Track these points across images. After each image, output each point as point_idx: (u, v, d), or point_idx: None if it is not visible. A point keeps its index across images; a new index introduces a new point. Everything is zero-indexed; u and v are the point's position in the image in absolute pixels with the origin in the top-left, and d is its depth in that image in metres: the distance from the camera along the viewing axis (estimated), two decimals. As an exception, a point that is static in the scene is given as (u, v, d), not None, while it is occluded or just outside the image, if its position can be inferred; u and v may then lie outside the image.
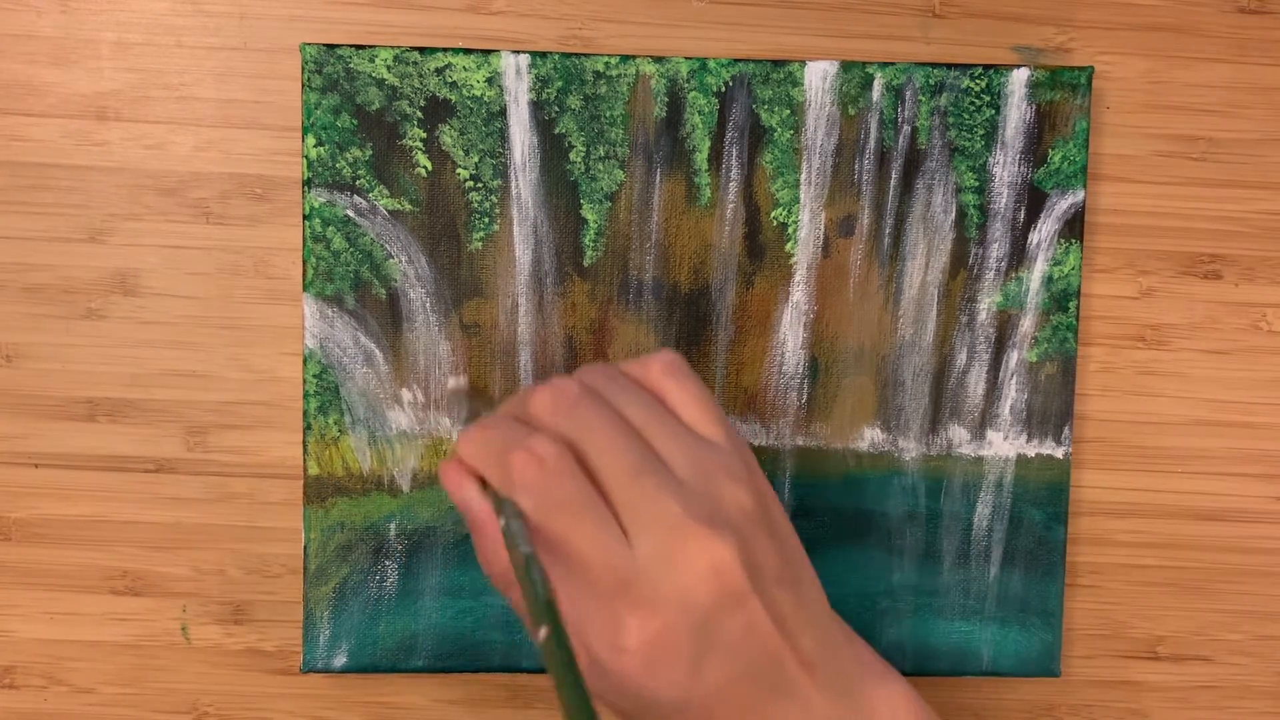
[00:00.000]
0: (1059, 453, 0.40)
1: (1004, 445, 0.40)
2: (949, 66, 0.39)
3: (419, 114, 0.38)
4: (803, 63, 0.38)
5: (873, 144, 0.39)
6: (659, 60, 0.38)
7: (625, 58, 0.38)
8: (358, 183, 0.38)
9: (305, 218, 0.38)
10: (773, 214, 0.39)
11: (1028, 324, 0.40)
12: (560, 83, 0.38)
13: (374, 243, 0.38)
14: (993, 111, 0.39)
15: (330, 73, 0.38)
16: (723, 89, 0.38)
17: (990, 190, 0.39)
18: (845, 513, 0.40)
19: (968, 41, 0.40)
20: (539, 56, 0.38)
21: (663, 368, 0.30)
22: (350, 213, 0.38)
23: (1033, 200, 0.39)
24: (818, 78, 0.39)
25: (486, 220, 0.39)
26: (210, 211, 0.39)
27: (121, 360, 0.39)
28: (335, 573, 0.39)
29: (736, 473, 0.28)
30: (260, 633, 0.40)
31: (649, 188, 0.39)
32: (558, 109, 0.38)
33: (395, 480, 0.39)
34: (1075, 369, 0.40)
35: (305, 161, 0.38)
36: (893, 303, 0.39)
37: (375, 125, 0.38)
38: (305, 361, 0.38)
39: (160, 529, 0.40)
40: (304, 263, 0.38)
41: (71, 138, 0.39)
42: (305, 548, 0.39)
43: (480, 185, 0.38)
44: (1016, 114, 0.39)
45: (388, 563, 0.39)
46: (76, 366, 0.39)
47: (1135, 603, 0.41)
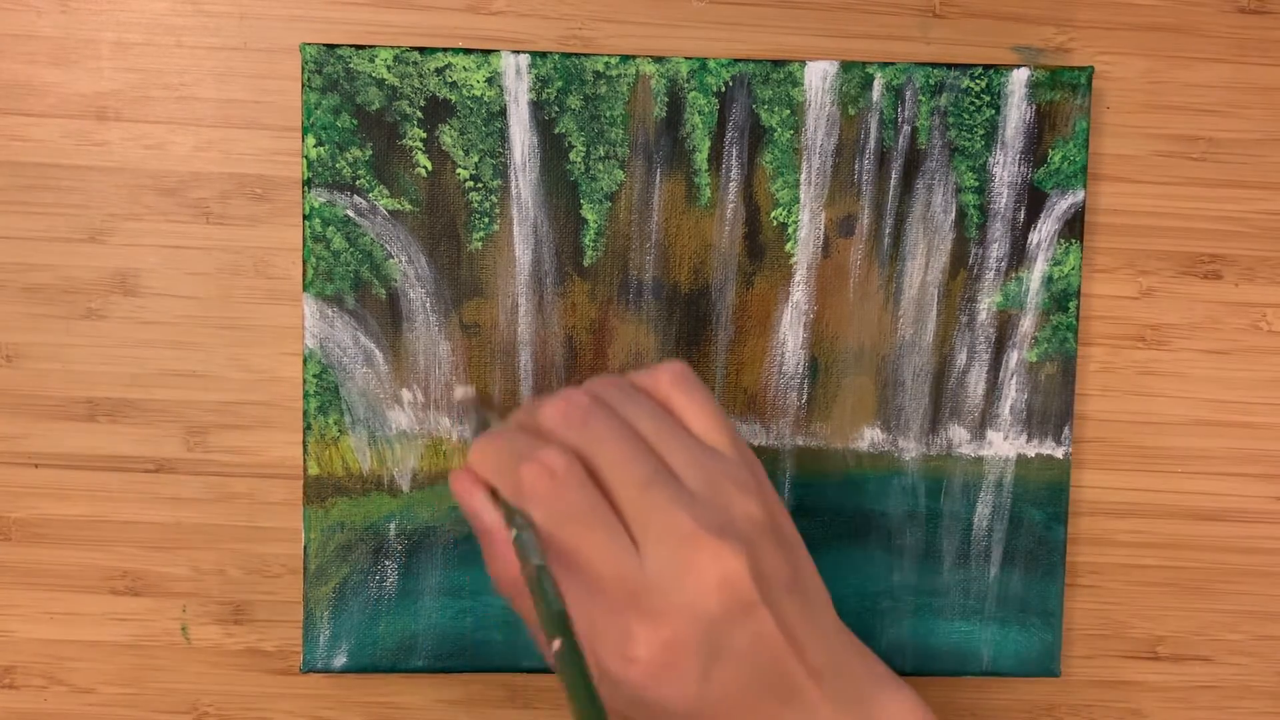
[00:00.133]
0: (1059, 453, 0.40)
1: (1004, 445, 0.40)
2: (949, 66, 0.39)
3: (419, 114, 0.38)
4: (803, 63, 0.38)
5: (873, 144, 0.39)
6: (659, 60, 0.38)
7: (625, 58, 0.38)
8: (358, 183, 0.38)
9: (305, 218, 0.38)
10: (773, 214, 0.39)
11: (1028, 324, 0.40)
12: (560, 83, 0.38)
13: (374, 243, 0.38)
14: (993, 111, 0.39)
15: (330, 73, 0.38)
16: (723, 89, 0.38)
17: (990, 190, 0.39)
18: (845, 513, 0.40)
19: (968, 41, 0.40)
20: (539, 56, 0.38)
21: (671, 378, 0.30)
22: (350, 213, 0.38)
23: (1033, 200, 0.39)
24: (818, 78, 0.39)
25: (486, 220, 0.39)
26: (210, 211, 0.39)
27: (121, 360, 0.39)
28: (335, 573, 0.39)
29: (745, 483, 0.28)
30: (260, 633, 0.40)
31: (649, 188, 0.39)
32: (558, 109, 0.38)
33: (395, 480, 0.39)
34: (1075, 369, 0.40)
35: (305, 161, 0.38)
36: (893, 303, 0.39)
37: (375, 125, 0.38)
38: (305, 361, 0.38)
39: (160, 529, 0.40)
40: (304, 263, 0.38)
41: (71, 138, 0.39)
42: (305, 548, 0.39)
43: (480, 185, 0.38)
44: (1016, 114, 0.39)
45: (388, 563, 0.39)
46: (76, 366, 0.39)
47: (1135, 603, 0.41)
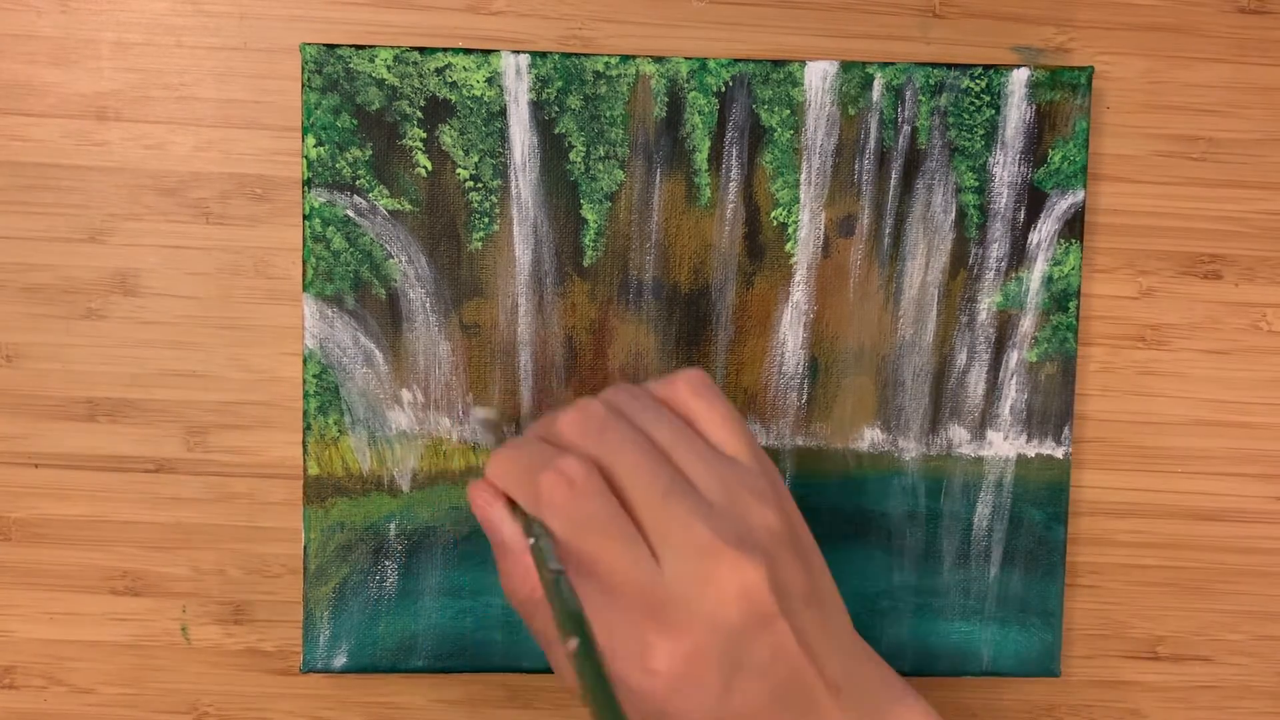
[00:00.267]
0: (1059, 453, 0.40)
1: (1004, 445, 0.40)
2: (949, 66, 0.39)
3: (419, 114, 0.38)
4: (803, 63, 0.38)
5: (873, 144, 0.39)
6: (659, 60, 0.38)
7: (625, 58, 0.38)
8: (358, 183, 0.38)
9: (305, 218, 0.38)
10: (773, 214, 0.39)
11: (1028, 324, 0.40)
12: (560, 83, 0.38)
13: (374, 243, 0.38)
14: (993, 111, 0.39)
15: (330, 73, 0.38)
16: (723, 89, 0.38)
17: (990, 190, 0.39)
18: (845, 513, 0.40)
19: (968, 41, 0.40)
20: (539, 56, 0.38)
21: (690, 387, 0.30)
22: (350, 213, 0.38)
23: (1033, 200, 0.39)
24: (818, 78, 0.39)
25: (486, 220, 0.39)
26: (210, 211, 0.39)
27: (121, 360, 0.39)
28: (335, 573, 0.39)
29: (764, 493, 0.28)
30: (260, 633, 0.40)
31: (649, 188, 0.39)
32: (558, 109, 0.38)
33: (395, 480, 0.39)
34: (1075, 369, 0.40)
35: (305, 161, 0.38)
36: (893, 303, 0.39)
37: (375, 125, 0.38)
38: (305, 361, 0.38)
39: (160, 529, 0.40)
40: (304, 263, 0.38)
41: (71, 138, 0.39)
42: (305, 548, 0.39)
43: (480, 185, 0.38)
44: (1016, 114, 0.39)
45: (388, 563, 0.39)
46: (76, 366, 0.39)
47: (1135, 603, 0.41)
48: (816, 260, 0.39)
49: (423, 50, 0.38)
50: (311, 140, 0.38)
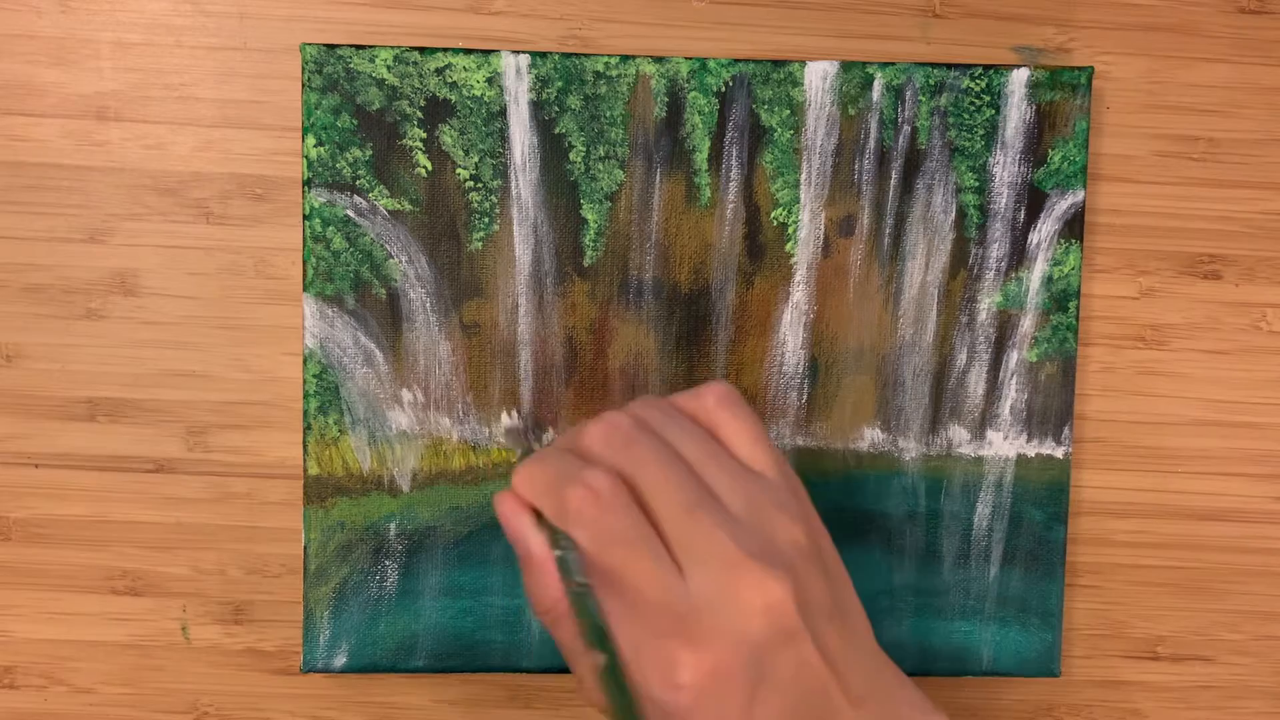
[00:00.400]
0: (1059, 453, 0.40)
1: (1004, 445, 0.40)
2: (949, 66, 0.39)
3: (419, 114, 0.38)
4: (803, 63, 0.38)
5: (873, 144, 0.39)
6: (659, 60, 0.38)
7: (625, 58, 0.38)
8: (358, 183, 0.38)
9: (305, 218, 0.38)
10: (773, 214, 0.39)
11: (1028, 324, 0.40)
12: (560, 83, 0.38)
13: (374, 243, 0.38)
14: (993, 111, 0.39)
15: (330, 73, 0.38)
16: (723, 89, 0.38)
17: (990, 190, 0.39)
18: (845, 513, 0.40)
19: (968, 41, 0.40)
20: (539, 56, 0.38)
21: (716, 400, 0.30)
22: (350, 213, 0.38)
23: (1033, 200, 0.39)
24: (818, 78, 0.39)
25: (486, 220, 0.39)
26: (210, 211, 0.39)
27: (121, 360, 0.39)
28: (335, 573, 0.39)
29: (789, 507, 0.29)
30: (260, 633, 0.40)
31: (649, 188, 0.39)
32: (558, 109, 0.38)
33: (395, 480, 0.39)
34: (1075, 369, 0.40)
35: (305, 161, 0.38)
36: (893, 303, 0.39)
37: (375, 125, 0.38)
38: (305, 361, 0.38)
39: (160, 529, 0.40)
40: (304, 263, 0.38)
41: (71, 138, 0.39)
42: (305, 548, 0.39)
43: (480, 185, 0.38)
44: (1016, 114, 0.39)
45: (388, 563, 0.39)
46: (76, 366, 0.39)
47: (1135, 603, 0.41)
48: (816, 260, 0.39)
49: (423, 50, 0.38)
50: (311, 140, 0.38)
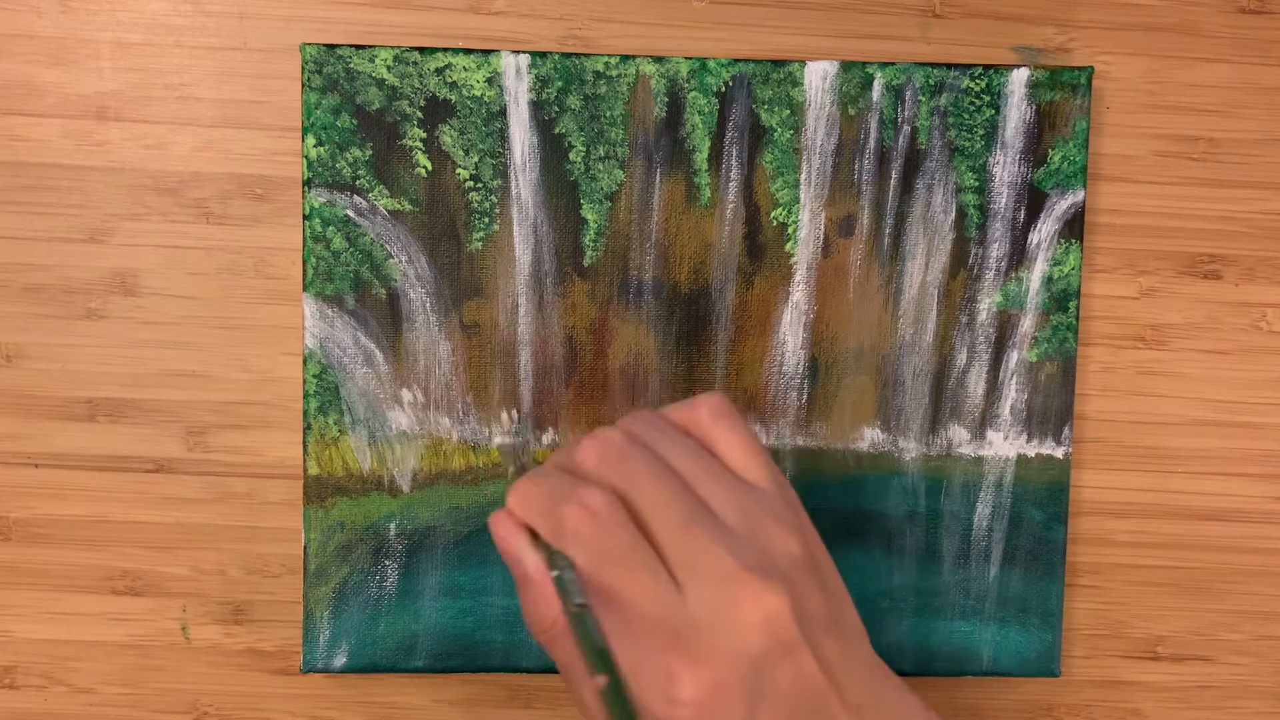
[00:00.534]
0: (1059, 453, 0.40)
1: (1004, 445, 0.40)
2: (949, 66, 0.39)
3: (419, 114, 0.38)
4: (803, 63, 0.38)
5: (873, 144, 0.39)
6: (659, 60, 0.38)
7: (625, 58, 0.38)
8: (358, 183, 0.38)
9: (305, 218, 0.38)
10: (773, 214, 0.39)
11: (1028, 324, 0.40)
12: (560, 83, 0.38)
13: (374, 243, 0.38)
14: (993, 111, 0.39)
15: (330, 73, 0.38)
16: (723, 89, 0.38)
17: (990, 190, 0.39)
18: (845, 513, 0.40)
19: (968, 41, 0.40)
20: (539, 56, 0.38)
21: (709, 412, 0.30)
22: (350, 213, 0.38)
23: (1033, 200, 0.39)
24: (818, 78, 0.39)
25: (486, 220, 0.39)
26: (210, 211, 0.39)
27: (121, 360, 0.39)
28: (335, 573, 0.39)
29: (785, 519, 0.29)
30: (260, 633, 0.40)
31: (649, 188, 0.39)
32: (558, 109, 0.38)
33: (395, 480, 0.39)
34: (1075, 369, 0.40)
35: (305, 161, 0.38)
36: (893, 303, 0.39)
37: (375, 125, 0.38)
38: (305, 361, 0.38)
39: (160, 529, 0.40)
40: (304, 263, 0.38)
41: (71, 138, 0.39)
42: (305, 548, 0.39)
43: (480, 185, 0.38)
44: (1016, 114, 0.39)
45: (388, 563, 0.39)
46: (76, 366, 0.39)
47: (1135, 603, 0.41)
48: (816, 260, 0.39)
49: (423, 50, 0.38)
50: (311, 140, 0.38)
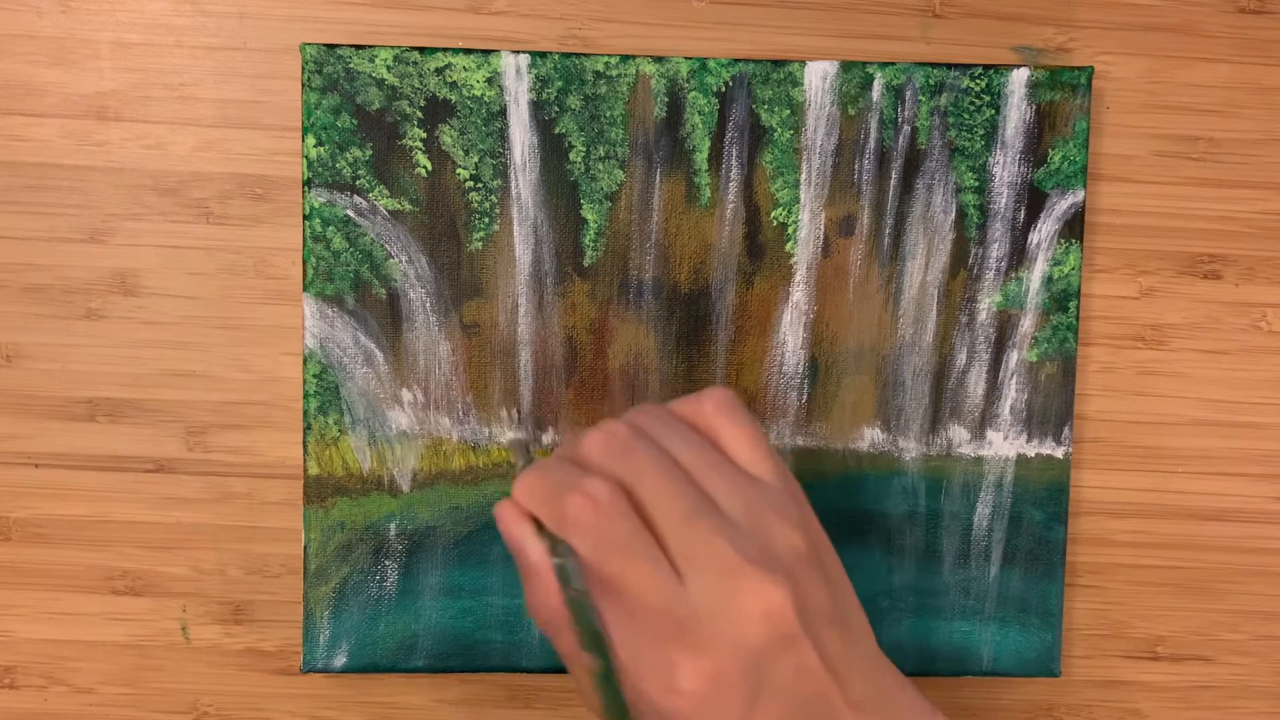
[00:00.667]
0: (1059, 453, 0.40)
1: (1004, 445, 0.40)
2: (949, 66, 0.39)
3: (419, 114, 0.38)
4: (803, 63, 0.38)
5: (873, 144, 0.39)
6: (659, 60, 0.38)
7: (625, 58, 0.38)
8: (358, 183, 0.38)
9: (305, 218, 0.38)
10: (773, 214, 0.39)
11: (1028, 324, 0.40)
12: (560, 83, 0.38)
13: (374, 243, 0.38)
14: (993, 111, 0.39)
15: (330, 73, 0.38)
16: (723, 89, 0.38)
17: (990, 190, 0.39)
18: (845, 513, 0.40)
19: (968, 41, 0.40)
20: (539, 56, 0.38)
21: (715, 406, 0.30)
22: (350, 213, 0.38)
23: (1033, 200, 0.39)
24: (818, 78, 0.39)
25: (486, 220, 0.39)
26: (210, 211, 0.39)
27: (121, 360, 0.39)
28: (335, 573, 0.39)
29: (789, 513, 0.29)
30: (260, 633, 0.40)
31: (649, 188, 0.39)
32: (558, 109, 0.38)
33: (395, 480, 0.39)
34: (1075, 369, 0.40)
35: (305, 161, 0.38)
36: (893, 303, 0.39)
37: (375, 125, 0.38)
38: (305, 361, 0.38)
39: (160, 529, 0.40)
40: (304, 263, 0.38)
41: (71, 138, 0.39)
42: (305, 548, 0.39)
43: (480, 185, 0.38)
44: (1016, 114, 0.39)
45: (388, 563, 0.39)
46: (76, 366, 0.39)
47: (1135, 603, 0.41)
48: (816, 260, 0.39)
49: (423, 50, 0.38)
50: (311, 140, 0.38)
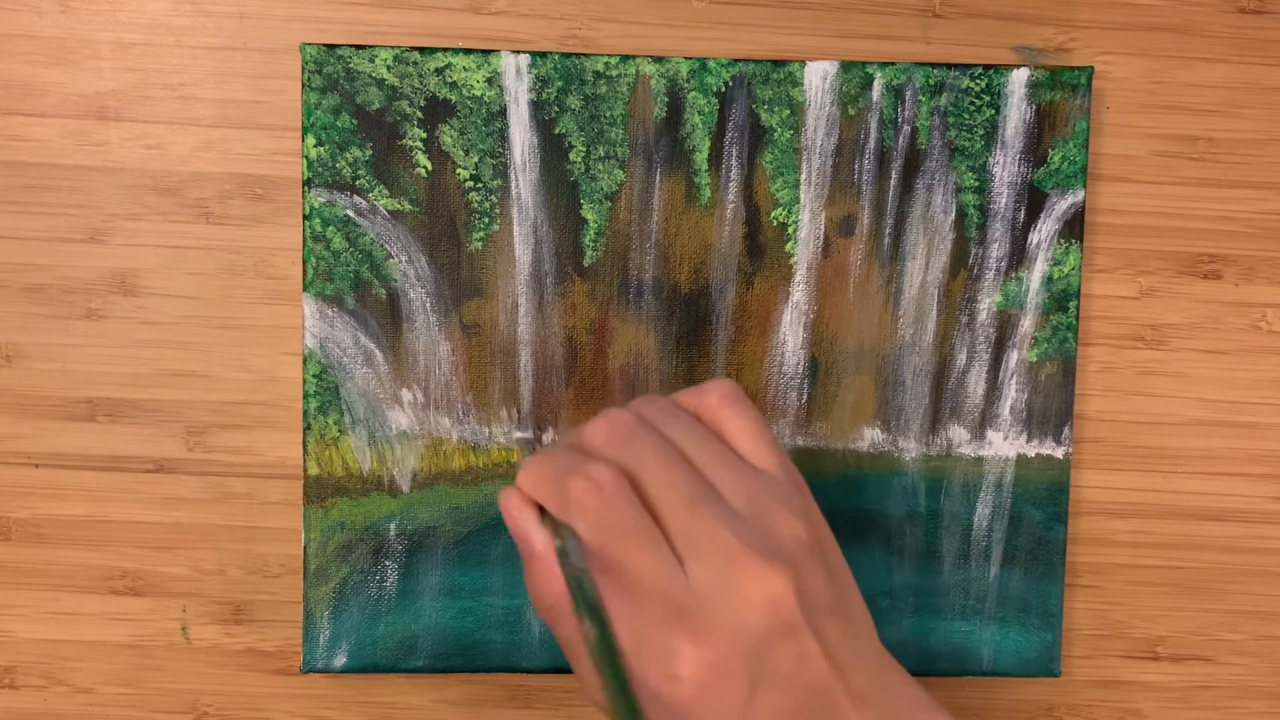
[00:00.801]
0: (1059, 453, 0.40)
1: (1004, 445, 0.40)
2: (949, 66, 0.39)
3: (419, 114, 0.38)
4: (803, 63, 0.38)
5: (873, 144, 0.39)
6: (659, 60, 0.38)
7: (625, 58, 0.38)
8: (358, 183, 0.38)
9: (305, 218, 0.38)
10: (773, 214, 0.39)
11: (1028, 324, 0.40)
12: (560, 83, 0.38)
13: (374, 243, 0.38)
14: (993, 111, 0.39)
15: (330, 73, 0.38)
16: (723, 89, 0.38)
17: (990, 190, 0.39)
18: (845, 513, 0.40)
19: (968, 41, 0.40)
20: (539, 56, 0.38)
21: (719, 397, 0.30)
22: (350, 213, 0.38)
23: (1033, 200, 0.39)
24: (818, 78, 0.39)
25: (486, 220, 0.39)
26: (210, 211, 0.39)
27: (121, 360, 0.39)
28: (335, 573, 0.39)
29: (791, 503, 0.29)
30: (260, 633, 0.40)
31: (649, 188, 0.39)
32: (558, 109, 0.38)
33: (395, 480, 0.39)
34: (1075, 369, 0.40)
35: (305, 161, 0.38)
36: (893, 303, 0.39)
37: (375, 125, 0.38)
38: (305, 361, 0.38)
39: (160, 529, 0.40)
40: (304, 263, 0.38)
41: (71, 138, 0.39)
42: (305, 548, 0.39)
43: (480, 185, 0.38)
44: (1016, 114, 0.39)
45: (388, 563, 0.39)
46: (76, 366, 0.39)
47: (1135, 603, 0.41)
48: (816, 260, 0.39)
49: (423, 50, 0.38)
50: (311, 140, 0.38)
